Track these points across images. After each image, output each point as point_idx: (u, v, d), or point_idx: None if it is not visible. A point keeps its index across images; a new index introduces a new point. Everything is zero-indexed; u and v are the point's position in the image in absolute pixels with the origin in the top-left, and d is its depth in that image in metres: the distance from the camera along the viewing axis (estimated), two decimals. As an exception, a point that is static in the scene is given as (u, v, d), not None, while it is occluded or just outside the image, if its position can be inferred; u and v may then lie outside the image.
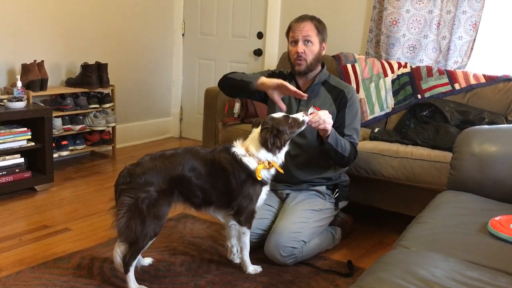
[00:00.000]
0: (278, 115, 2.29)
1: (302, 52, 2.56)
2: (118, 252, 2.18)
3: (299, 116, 2.29)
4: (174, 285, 2.25)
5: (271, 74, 2.78)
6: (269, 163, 2.24)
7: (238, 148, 2.25)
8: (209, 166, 2.20)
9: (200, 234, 2.82)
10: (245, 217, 2.28)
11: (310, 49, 2.57)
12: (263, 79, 2.50)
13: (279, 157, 2.28)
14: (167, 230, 2.82)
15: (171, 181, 2.14)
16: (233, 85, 2.63)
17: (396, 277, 1.38)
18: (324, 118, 2.31)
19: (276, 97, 2.47)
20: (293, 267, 2.46)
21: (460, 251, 1.64)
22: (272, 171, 2.29)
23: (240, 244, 2.36)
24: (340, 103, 2.60)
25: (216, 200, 2.25)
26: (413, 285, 1.33)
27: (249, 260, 2.38)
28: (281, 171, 2.31)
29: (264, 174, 2.24)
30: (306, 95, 2.46)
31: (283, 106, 2.48)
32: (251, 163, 2.22)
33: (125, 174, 2.14)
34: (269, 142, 2.20)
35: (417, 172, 2.77)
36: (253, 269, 2.37)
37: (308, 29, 2.56)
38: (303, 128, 2.31)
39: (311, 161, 2.62)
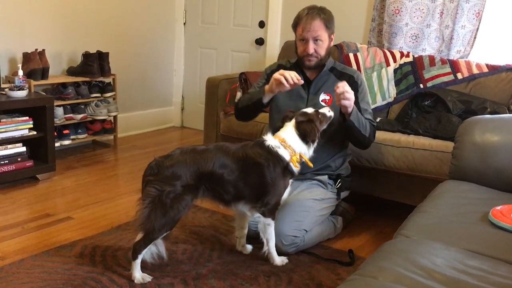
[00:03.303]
0: (310, 110, 2.35)
1: (313, 52, 2.56)
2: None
3: (326, 111, 2.36)
4: (175, 273, 2.26)
5: (270, 74, 2.77)
6: (300, 156, 2.28)
7: (271, 140, 2.27)
8: (242, 162, 2.20)
9: (202, 223, 2.83)
10: (270, 208, 2.28)
11: (321, 47, 2.57)
12: (267, 87, 2.50)
13: (310, 151, 2.32)
14: (169, 219, 2.83)
15: (200, 177, 2.13)
16: (247, 111, 2.65)
17: (397, 265, 1.38)
18: (348, 89, 2.36)
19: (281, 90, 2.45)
20: (295, 255, 2.47)
21: (461, 240, 1.65)
22: (299, 164, 2.31)
23: (265, 236, 2.34)
24: (352, 90, 2.60)
25: (247, 195, 2.24)
26: (414, 274, 1.34)
27: (275, 251, 2.37)
28: (311, 165, 2.33)
29: (297, 164, 2.28)
30: (302, 81, 2.43)
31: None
32: (286, 154, 2.24)
33: (153, 165, 2.14)
34: (307, 134, 2.26)
35: (418, 162, 2.77)
36: (280, 260, 2.37)
37: (318, 28, 2.53)
38: (329, 122, 2.37)
39: (317, 152, 2.62)
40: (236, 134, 3.32)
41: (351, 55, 3.50)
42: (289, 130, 2.31)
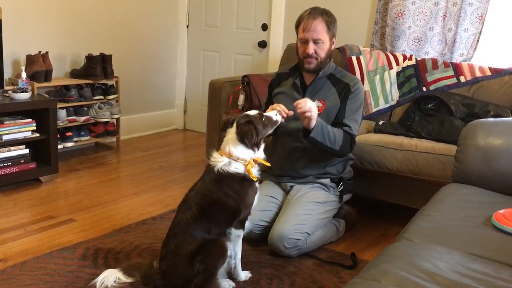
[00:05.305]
0: (252, 112, 2.19)
1: (313, 53, 2.53)
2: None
3: (272, 114, 2.22)
4: (178, 276, 2.26)
5: (270, 87, 2.80)
6: (254, 160, 2.13)
7: (219, 161, 2.10)
8: (206, 209, 2.07)
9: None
10: (241, 219, 2.16)
11: (321, 48, 2.54)
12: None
13: (260, 154, 2.17)
14: (168, 221, 2.80)
15: (193, 258, 2.03)
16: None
17: (399, 269, 1.38)
18: (310, 106, 2.30)
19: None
20: (297, 259, 2.46)
21: (464, 244, 1.64)
22: (257, 166, 2.17)
23: (235, 248, 2.19)
24: (344, 96, 2.58)
25: (225, 225, 2.14)
26: (416, 277, 1.34)
27: (240, 265, 2.27)
28: (268, 164, 2.21)
29: (255, 172, 2.14)
30: (292, 112, 2.35)
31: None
32: (239, 168, 2.09)
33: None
34: (247, 139, 2.08)
35: (421, 165, 2.76)
36: (244, 275, 2.27)
37: (319, 29, 2.50)
38: (275, 127, 2.24)
39: (317, 158, 2.61)
40: (239, 136, 3.31)
41: (353, 58, 3.50)
42: (231, 140, 2.12)
